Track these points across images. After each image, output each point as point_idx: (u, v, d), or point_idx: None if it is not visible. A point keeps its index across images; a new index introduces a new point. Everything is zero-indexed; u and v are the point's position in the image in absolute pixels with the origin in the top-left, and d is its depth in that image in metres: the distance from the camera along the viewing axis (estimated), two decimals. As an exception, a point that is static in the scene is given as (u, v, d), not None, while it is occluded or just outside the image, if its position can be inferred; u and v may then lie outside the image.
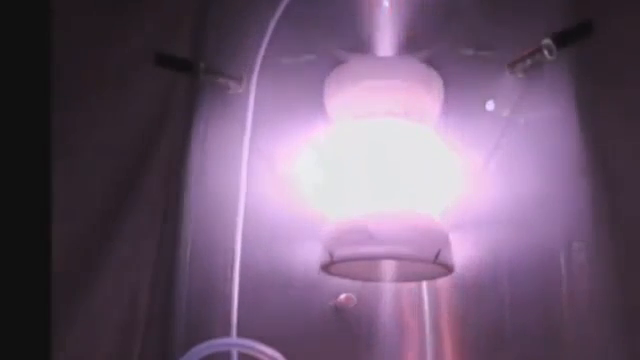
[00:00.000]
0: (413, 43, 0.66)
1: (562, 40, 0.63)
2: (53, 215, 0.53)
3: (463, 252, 0.61)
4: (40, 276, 0.51)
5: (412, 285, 0.68)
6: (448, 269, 0.61)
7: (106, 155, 0.80)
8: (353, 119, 0.64)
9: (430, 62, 0.65)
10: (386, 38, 0.66)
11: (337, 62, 0.65)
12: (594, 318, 0.66)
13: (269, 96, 0.68)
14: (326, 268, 0.61)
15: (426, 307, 0.67)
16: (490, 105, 0.67)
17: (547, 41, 0.63)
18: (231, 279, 0.66)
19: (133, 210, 0.79)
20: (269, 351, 0.58)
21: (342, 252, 0.59)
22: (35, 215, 0.53)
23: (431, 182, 0.63)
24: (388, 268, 0.66)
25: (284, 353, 0.59)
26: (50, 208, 0.52)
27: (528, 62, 0.65)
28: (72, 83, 0.79)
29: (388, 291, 0.67)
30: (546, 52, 0.63)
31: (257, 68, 0.68)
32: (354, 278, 0.65)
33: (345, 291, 0.67)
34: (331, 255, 0.59)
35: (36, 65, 0.54)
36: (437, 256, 0.58)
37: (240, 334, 0.64)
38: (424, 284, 0.67)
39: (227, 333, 0.64)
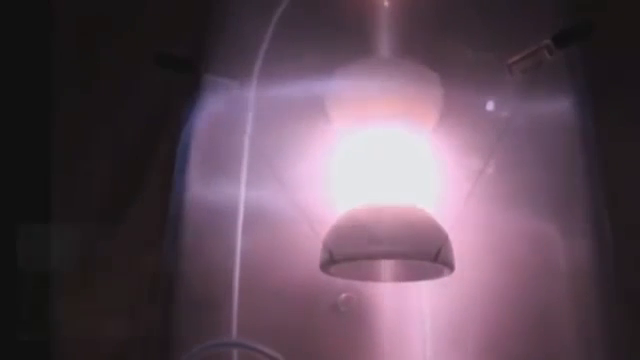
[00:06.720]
0: (412, 44, 0.66)
1: (562, 40, 0.63)
2: (53, 215, 0.53)
3: (462, 252, 0.61)
4: (40, 276, 0.51)
5: (412, 285, 0.68)
6: (448, 268, 0.61)
7: (106, 155, 0.80)
8: (353, 121, 0.64)
9: (429, 63, 0.65)
10: (385, 40, 0.66)
11: (337, 63, 0.65)
12: (594, 319, 0.66)
13: (269, 97, 0.68)
14: (326, 268, 0.61)
15: (426, 307, 0.67)
16: (490, 105, 0.67)
17: (547, 41, 0.63)
18: (231, 279, 0.66)
19: (133, 210, 0.79)
20: (269, 351, 0.58)
21: (342, 252, 0.59)
22: (35, 215, 0.53)
23: (428, 184, 0.64)
24: (388, 268, 0.66)
25: (284, 353, 0.59)
26: (50, 208, 0.53)
27: (528, 62, 0.65)
28: (72, 84, 0.79)
29: (388, 291, 0.67)
30: (546, 52, 0.63)
31: (257, 69, 0.68)
32: (354, 278, 0.65)
33: (345, 291, 0.67)
34: (331, 255, 0.59)
35: (37, 65, 0.54)
36: (437, 255, 0.58)
37: (240, 334, 0.64)
38: (424, 284, 0.67)
39: (227, 333, 0.64)
